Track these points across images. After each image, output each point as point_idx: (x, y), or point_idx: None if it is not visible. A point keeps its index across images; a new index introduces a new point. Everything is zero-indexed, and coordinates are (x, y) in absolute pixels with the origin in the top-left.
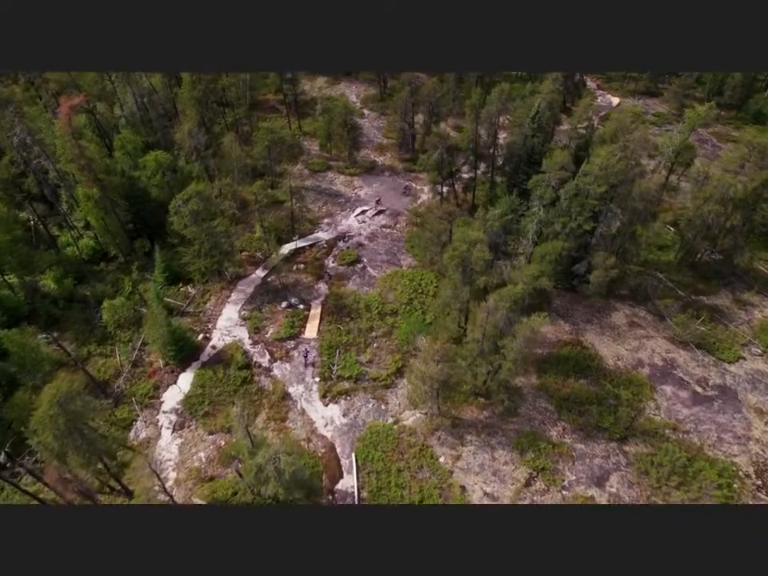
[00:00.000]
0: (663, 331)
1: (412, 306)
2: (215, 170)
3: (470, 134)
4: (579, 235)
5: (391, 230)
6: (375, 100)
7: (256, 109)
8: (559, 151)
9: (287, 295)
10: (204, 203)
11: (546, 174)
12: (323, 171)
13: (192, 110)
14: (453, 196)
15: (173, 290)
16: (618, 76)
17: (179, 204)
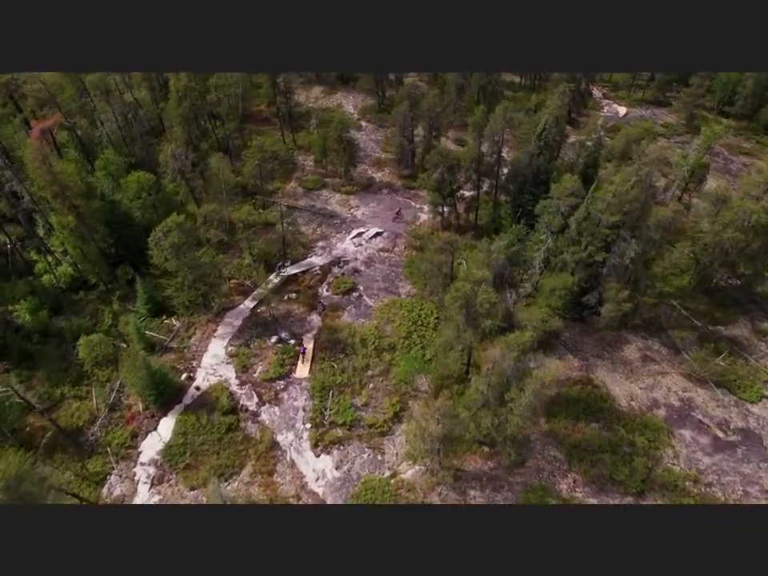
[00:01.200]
0: (679, 366)
1: (411, 340)
2: (202, 192)
3: (473, 152)
4: (589, 264)
5: (389, 253)
6: (373, 111)
7: (248, 121)
8: (569, 176)
9: (277, 329)
10: (186, 235)
11: (554, 199)
12: (318, 189)
13: (178, 128)
14: (454, 216)
15: (156, 323)
16: (624, 84)
17: (159, 236)
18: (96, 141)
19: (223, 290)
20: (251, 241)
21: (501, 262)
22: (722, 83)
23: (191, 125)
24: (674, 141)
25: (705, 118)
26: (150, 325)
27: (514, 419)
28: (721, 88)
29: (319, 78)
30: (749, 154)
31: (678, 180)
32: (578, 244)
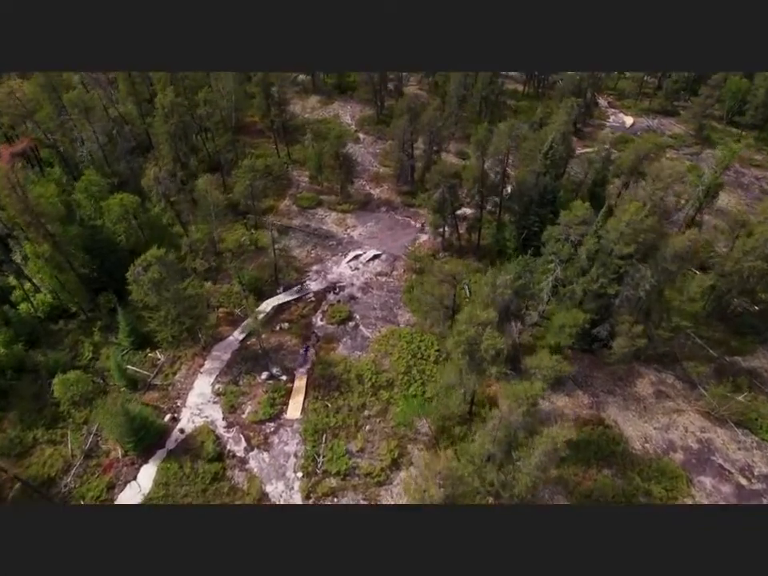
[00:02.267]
0: (695, 403)
1: (410, 375)
2: (190, 215)
3: (476, 171)
4: (600, 295)
5: (387, 277)
6: (372, 122)
7: (242, 132)
8: (579, 202)
9: (268, 364)
10: (167, 269)
11: (563, 226)
12: (313, 207)
13: (165, 145)
14: (455, 237)
15: (139, 356)
16: (630, 93)
17: (138, 272)
18: (78, 160)
19: (211, 321)
20: (241, 269)
21: (507, 297)
22: (731, 92)
23: (179, 142)
24: (683, 152)
25: (714, 128)
26: (133, 359)
27: (522, 478)
28: (730, 97)
29: (316, 87)
30: (761, 166)
31: (692, 200)
32: (589, 274)
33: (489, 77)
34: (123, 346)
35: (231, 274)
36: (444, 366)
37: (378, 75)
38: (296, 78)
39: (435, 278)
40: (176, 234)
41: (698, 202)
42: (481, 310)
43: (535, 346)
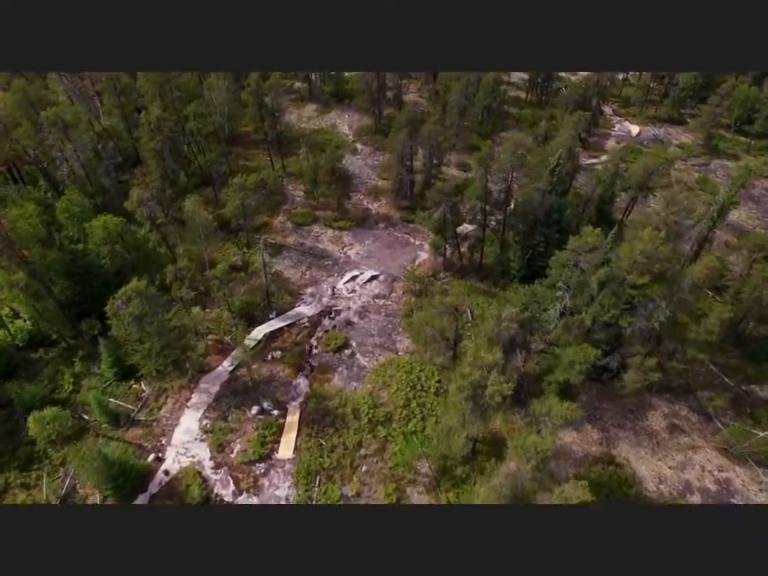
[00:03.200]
0: (712, 438)
1: (410, 409)
2: (178, 238)
3: (479, 190)
4: (610, 324)
5: (385, 300)
6: (370, 132)
7: (236, 143)
8: (590, 229)
9: (259, 397)
10: (150, 302)
11: (572, 252)
12: (308, 224)
13: (153, 162)
14: (457, 256)
15: (122, 388)
16: (636, 100)
17: (118, 305)
18: (59, 179)
19: (199, 351)
20: (231, 295)
21: (513, 332)
22: (739, 101)
23: (167, 158)
24: (692, 163)
25: (722, 137)
26: (116, 391)
27: None
28: (739, 105)
29: (312, 95)
30: None
31: (706, 219)
32: (597, 300)
33: (491, 85)
34: (106, 377)
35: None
36: (445, 401)
37: (376, 83)
38: (292, 86)
39: (436, 310)
40: (164, 255)
41: (711, 221)
42: (485, 347)
43: (541, 376)
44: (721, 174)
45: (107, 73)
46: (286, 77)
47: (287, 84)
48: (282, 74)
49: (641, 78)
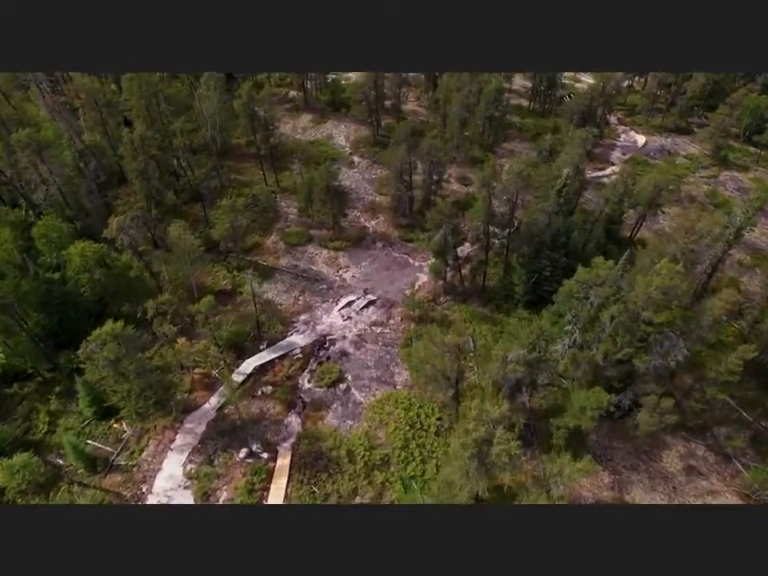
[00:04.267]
0: (731, 481)
1: (408, 450)
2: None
3: (482, 212)
4: (623, 361)
5: (383, 328)
6: (368, 143)
7: (228, 156)
8: (601, 260)
9: (247, 438)
10: (127, 344)
11: (582, 284)
12: (302, 245)
13: (136, 182)
14: (458, 279)
15: (102, 428)
16: (642, 108)
17: (92, 349)
18: (36, 202)
19: (183, 388)
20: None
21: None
22: (749, 110)
23: (152, 179)
24: (700, 175)
25: (731, 147)
26: (95, 431)
27: None
28: (748, 115)
29: (308, 104)
30: None
31: (722, 243)
32: (612, 341)
33: (493, 95)
34: (84, 416)
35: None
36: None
37: (373, 93)
38: (287, 95)
39: (437, 349)
40: (148, 282)
41: (727, 245)
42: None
43: (548, 413)
44: (731, 186)
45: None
46: (280, 85)
47: (282, 92)
48: (276, 82)
49: (646, 85)
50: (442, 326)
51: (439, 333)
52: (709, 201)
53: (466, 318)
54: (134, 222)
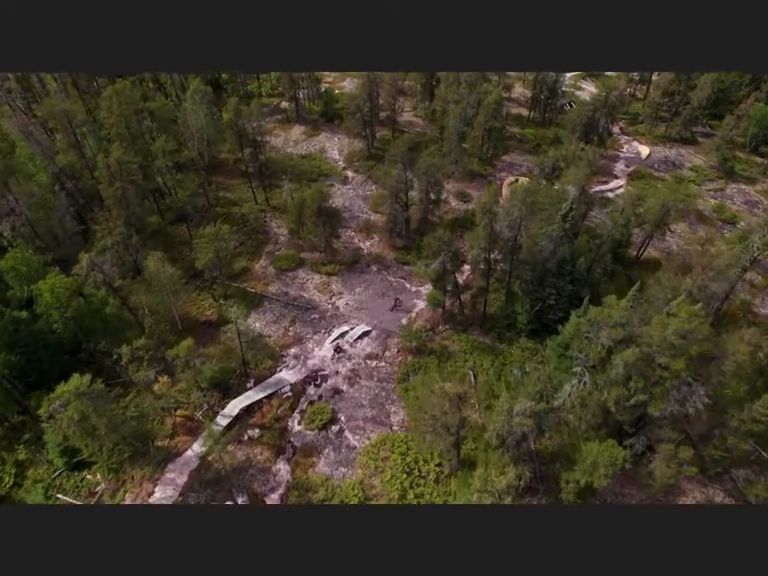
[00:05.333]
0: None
1: (406, 502)
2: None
3: (483, 241)
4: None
5: (378, 361)
6: (362, 157)
7: (216, 172)
8: (614, 299)
9: (232, 490)
10: (96, 401)
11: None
12: (293, 269)
13: (114, 209)
14: (458, 307)
15: (74, 480)
16: (644, 116)
17: (55, 408)
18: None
19: (163, 434)
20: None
21: (526, 429)
22: (755, 119)
23: (132, 204)
24: (706, 188)
25: (737, 158)
26: (66, 484)
27: None
28: (754, 124)
29: (299, 116)
30: None
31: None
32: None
33: (493, 107)
34: (55, 466)
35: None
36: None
37: (368, 105)
38: (278, 105)
39: (436, 398)
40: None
41: (742, 271)
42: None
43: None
44: (738, 199)
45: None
46: (272, 95)
47: (273, 103)
48: (268, 91)
49: (648, 93)
50: (441, 357)
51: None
52: (716, 216)
53: (466, 350)
54: (114, 248)
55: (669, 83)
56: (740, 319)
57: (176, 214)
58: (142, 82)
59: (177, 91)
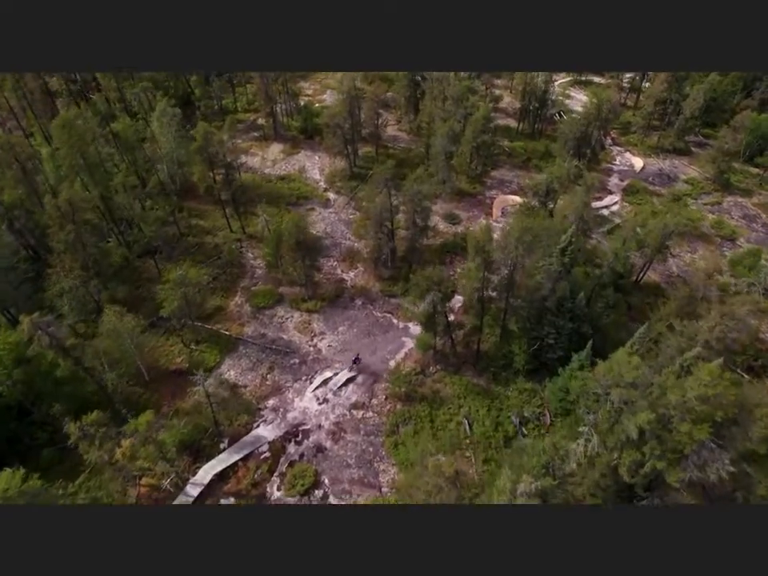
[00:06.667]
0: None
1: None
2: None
3: (476, 282)
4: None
5: (365, 411)
6: (344, 177)
7: (188, 197)
8: (625, 355)
9: None
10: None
11: (602, 384)
12: (270, 307)
13: (66, 255)
14: (450, 347)
15: None
16: (636, 125)
17: None
18: None
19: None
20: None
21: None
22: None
23: (88, 246)
24: (702, 202)
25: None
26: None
27: None
28: (748, 133)
29: (277, 133)
30: None
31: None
32: (638, 450)
33: (481, 123)
34: None
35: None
36: None
37: (348, 122)
38: (255, 121)
39: (432, 481)
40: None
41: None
42: None
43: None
44: (736, 213)
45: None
46: (248, 110)
47: (250, 119)
48: (244, 107)
49: (637, 101)
50: (432, 404)
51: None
52: (715, 232)
53: (460, 393)
54: (72, 292)
55: (660, 92)
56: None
57: (145, 246)
58: (108, 101)
59: (145, 110)
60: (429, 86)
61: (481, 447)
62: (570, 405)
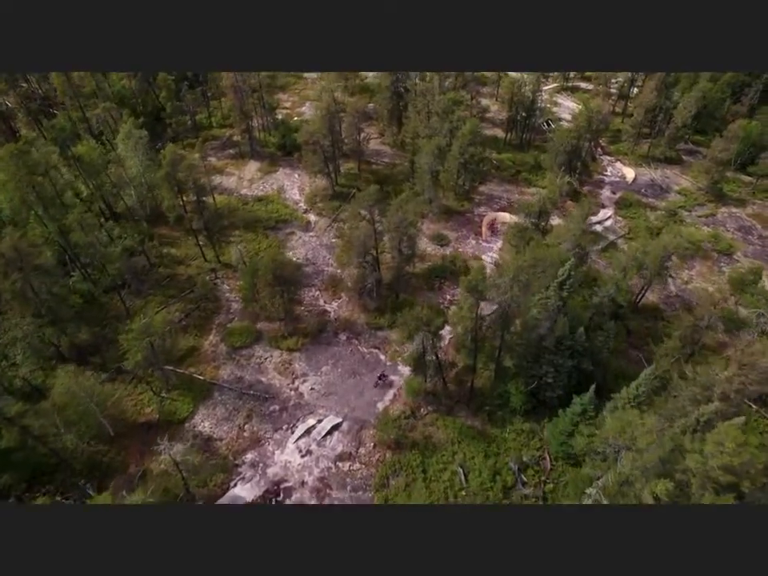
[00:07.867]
0: None
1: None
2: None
3: (469, 322)
4: None
5: (352, 463)
6: (325, 197)
7: (159, 223)
8: (636, 416)
9: None
10: None
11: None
12: (248, 346)
13: (15, 304)
14: (442, 387)
15: None
16: (625, 134)
17: None
18: None
19: None
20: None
21: None
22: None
23: (41, 292)
24: (697, 214)
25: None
26: None
27: None
28: (740, 141)
29: (254, 151)
30: None
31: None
32: None
33: (468, 138)
34: None
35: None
36: None
37: (328, 139)
38: (230, 138)
39: None
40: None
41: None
42: None
43: None
44: (731, 225)
45: None
46: (224, 125)
47: (225, 135)
48: (219, 122)
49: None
50: (424, 451)
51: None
52: (711, 246)
53: (454, 438)
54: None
55: (650, 100)
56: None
57: (110, 282)
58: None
59: (110, 129)
60: (412, 98)
61: (478, 499)
62: (570, 448)
